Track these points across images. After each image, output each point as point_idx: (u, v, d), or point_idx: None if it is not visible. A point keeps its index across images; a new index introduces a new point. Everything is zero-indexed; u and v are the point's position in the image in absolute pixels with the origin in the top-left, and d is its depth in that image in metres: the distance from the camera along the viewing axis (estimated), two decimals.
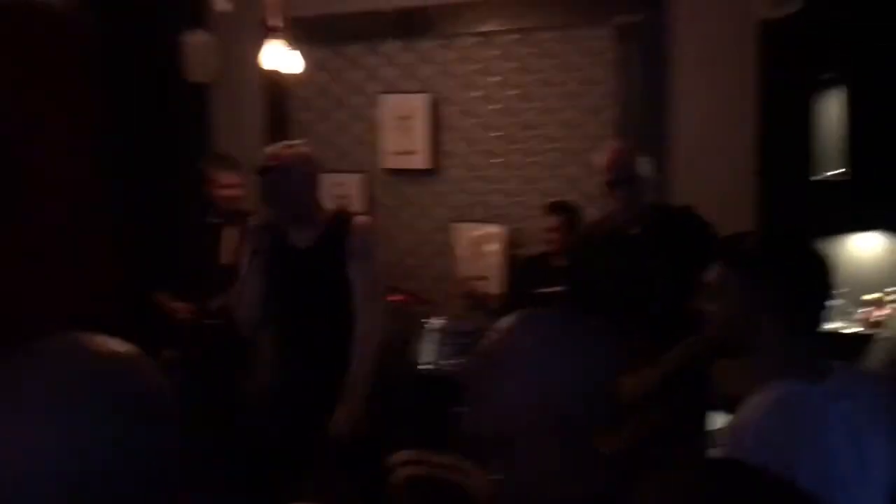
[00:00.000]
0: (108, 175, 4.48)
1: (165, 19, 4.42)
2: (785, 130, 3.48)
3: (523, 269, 4.07)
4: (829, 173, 3.51)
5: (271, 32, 3.22)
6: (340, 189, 4.55)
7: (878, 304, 3.57)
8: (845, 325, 3.62)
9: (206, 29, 4.53)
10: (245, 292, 2.94)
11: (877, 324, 3.44)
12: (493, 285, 4.27)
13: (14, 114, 3.92)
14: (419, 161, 4.39)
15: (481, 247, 4.33)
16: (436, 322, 3.80)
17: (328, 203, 3.16)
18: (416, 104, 4.36)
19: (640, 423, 2.77)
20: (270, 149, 2.98)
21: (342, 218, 3.00)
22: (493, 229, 4.31)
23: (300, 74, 4.32)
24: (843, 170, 3.40)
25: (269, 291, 2.94)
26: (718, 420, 3.04)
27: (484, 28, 4.20)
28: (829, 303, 1.62)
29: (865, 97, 2.87)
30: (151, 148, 4.44)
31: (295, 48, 3.18)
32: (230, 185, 3.87)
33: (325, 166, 4.48)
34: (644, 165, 2.88)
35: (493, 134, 4.29)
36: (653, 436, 2.76)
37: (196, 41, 4.45)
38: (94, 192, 4.41)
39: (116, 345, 0.89)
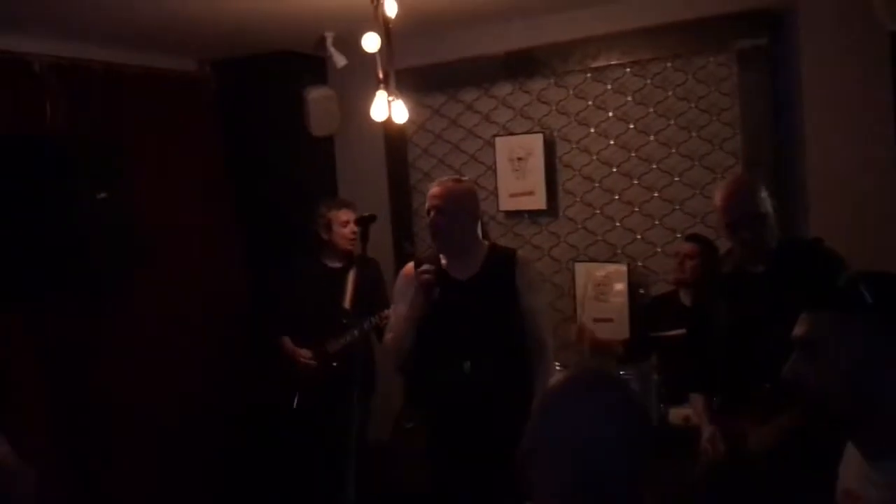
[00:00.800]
0: (240, 227, 4.74)
1: (290, 78, 4.62)
2: None
3: (648, 310, 3.90)
4: None
5: (379, 84, 3.27)
6: None
7: None
8: None
9: (327, 84, 4.73)
10: (395, 338, 2.98)
11: None
12: (619, 326, 4.10)
13: (159, 173, 4.23)
14: (536, 201, 4.33)
15: (605, 287, 4.19)
16: (560, 367, 3.67)
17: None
18: (532, 144, 4.31)
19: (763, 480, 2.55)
20: (439, 183, 3.04)
21: (501, 251, 3.07)
22: (615, 268, 4.16)
23: (418, 123, 4.42)
24: None
25: (434, 324, 2.94)
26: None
27: (595, 64, 4.10)
28: None
29: None
30: (280, 201, 4.63)
31: (402, 97, 3.22)
32: (346, 224, 3.97)
33: None
34: (766, 200, 2.67)
35: (611, 169, 4.16)
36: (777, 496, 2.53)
37: (318, 97, 4.64)
38: (228, 243, 4.66)
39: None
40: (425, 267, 2.92)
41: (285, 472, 4.15)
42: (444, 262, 3.01)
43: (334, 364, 3.89)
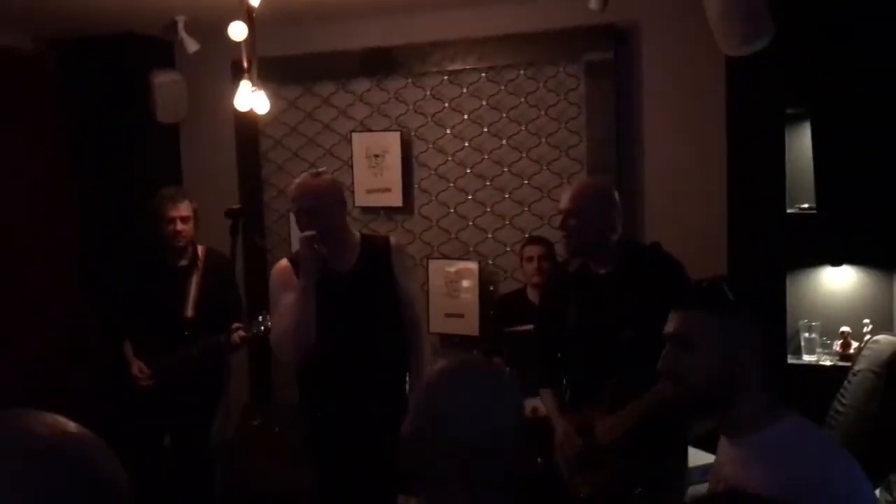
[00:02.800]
0: (78, 220, 4.44)
1: (135, 61, 4.39)
2: (757, 165, 3.49)
3: (498, 307, 4.04)
4: (801, 206, 3.53)
5: (239, 73, 3.19)
6: None
7: (853, 335, 3.57)
8: (821, 357, 3.61)
9: (176, 70, 4.54)
10: (293, 322, 2.89)
11: (851, 356, 3.43)
12: (469, 322, 4.23)
13: None
14: (393, 198, 4.37)
15: (455, 283, 4.30)
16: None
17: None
18: (389, 141, 4.35)
19: (616, 466, 2.73)
20: (300, 179, 2.98)
21: (374, 239, 3.14)
22: (466, 265, 4.28)
23: (271, 113, 4.32)
24: (811, 204, 3.42)
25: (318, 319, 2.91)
26: (697, 457, 3.02)
27: (452, 67, 4.20)
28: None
29: (830, 132, 2.88)
30: (121, 190, 4.39)
31: (261, 88, 3.15)
32: (176, 218, 3.66)
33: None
34: (612, 201, 2.85)
35: (465, 170, 4.28)
36: (630, 478, 2.72)
37: (164, 81, 4.44)
38: (66, 239, 4.36)
39: (68, 426, 0.84)
40: (307, 233, 2.87)
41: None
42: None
43: (165, 382, 3.61)
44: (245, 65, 3.03)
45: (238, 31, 2.87)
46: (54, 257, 4.29)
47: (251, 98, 3.14)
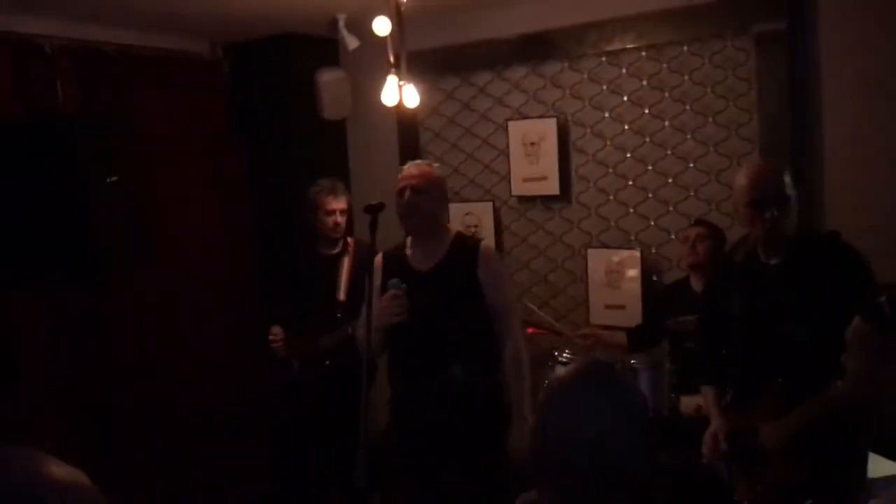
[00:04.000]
0: (252, 213, 4.72)
1: (303, 61, 4.59)
2: None
3: (660, 297, 3.85)
4: None
5: (390, 67, 3.24)
6: (471, 218, 4.53)
7: None
8: None
9: (340, 67, 4.69)
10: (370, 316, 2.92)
11: None
12: (631, 313, 4.07)
13: (170, 154, 4.20)
14: (550, 186, 4.28)
15: (617, 273, 4.15)
16: (566, 356, 3.65)
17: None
18: (545, 128, 4.26)
19: (783, 471, 2.52)
20: (413, 165, 3.04)
21: (465, 241, 3.03)
22: (629, 254, 4.12)
23: (430, 105, 4.37)
24: None
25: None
26: (882, 466, 2.71)
27: (610, 47, 4.04)
28: None
29: None
30: (292, 186, 4.60)
31: (414, 81, 3.18)
32: (336, 210, 3.82)
33: (457, 194, 4.55)
34: (789, 185, 2.61)
35: (625, 155, 4.10)
36: (799, 485, 2.50)
37: (330, 79, 4.61)
38: (241, 230, 4.64)
39: (54, 473, 0.81)
40: (393, 292, 2.86)
41: (295, 459, 4.08)
42: (409, 251, 3.02)
43: (327, 363, 3.75)
44: (391, 59, 3.06)
45: (382, 25, 2.91)
46: (235, 252, 4.58)
47: (401, 92, 3.18)
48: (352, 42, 4.23)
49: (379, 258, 3.03)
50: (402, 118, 4.54)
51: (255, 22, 4.17)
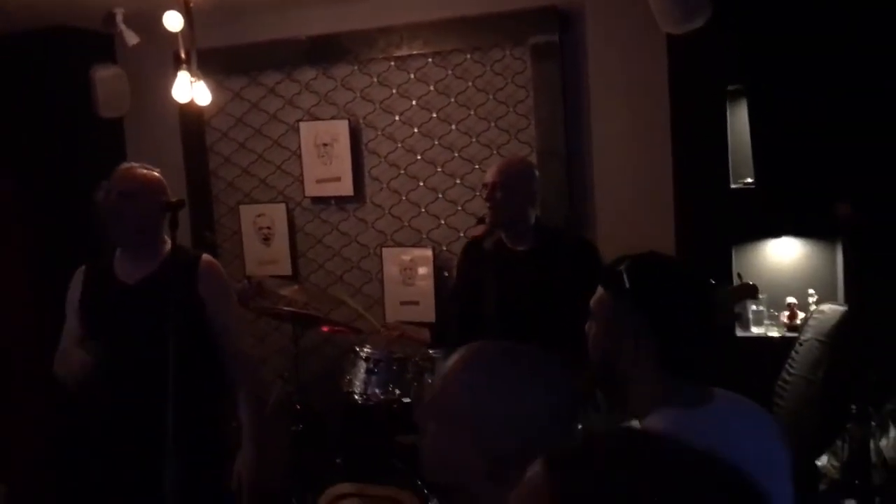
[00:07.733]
0: (21, 222, 4.33)
1: (74, 56, 4.28)
2: (700, 142, 3.56)
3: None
4: (744, 182, 3.59)
5: (180, 64, 3.14)
6: (263, 219, 4.48)
7: (799, 306, 3.65)
8: (768, 328, 3.69)
9: (116, 63, 4.44)
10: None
11: (797, 326, 3.51)
12: (425, 309, 4.23)
13: None
14: (343, 187, 4.34)
15: (411, 271, 4.30)
16: (367, 351, 3.73)
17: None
18: (337, 130, 4.32)
19: None
20: (120, 169, 2.71)
21: (182, 253, 2.69)
22: (421, 252, 4.28)
23: (217, 105, 4.26)
24: (750, 179, 3.49)
25: (89, 332, 2.64)
26: None
27: (398, 53, 4.18)
28: (706, 330, 1.55)
29: (767, 107, 2.95)
30: (67, 190, 4.28)
31: (204, 79, 3.11)
32: None
33: (248, 195, 4.48)
34: (526, 178, 3.11)
35: (416, 157, 4.26)
36: None
37: (106, 76, 4.34)
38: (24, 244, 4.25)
39: None
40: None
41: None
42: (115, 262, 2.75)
43: None
44: (183, 55, 2.97)
45: (173, 21, 2.82)
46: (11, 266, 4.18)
47: (192, 89, 3.09)
48: (131, 37, 4.01)
49: (81, 270, 2.77)
50: (186, 117, 4.39)
51: (17, 12, 3.82)
